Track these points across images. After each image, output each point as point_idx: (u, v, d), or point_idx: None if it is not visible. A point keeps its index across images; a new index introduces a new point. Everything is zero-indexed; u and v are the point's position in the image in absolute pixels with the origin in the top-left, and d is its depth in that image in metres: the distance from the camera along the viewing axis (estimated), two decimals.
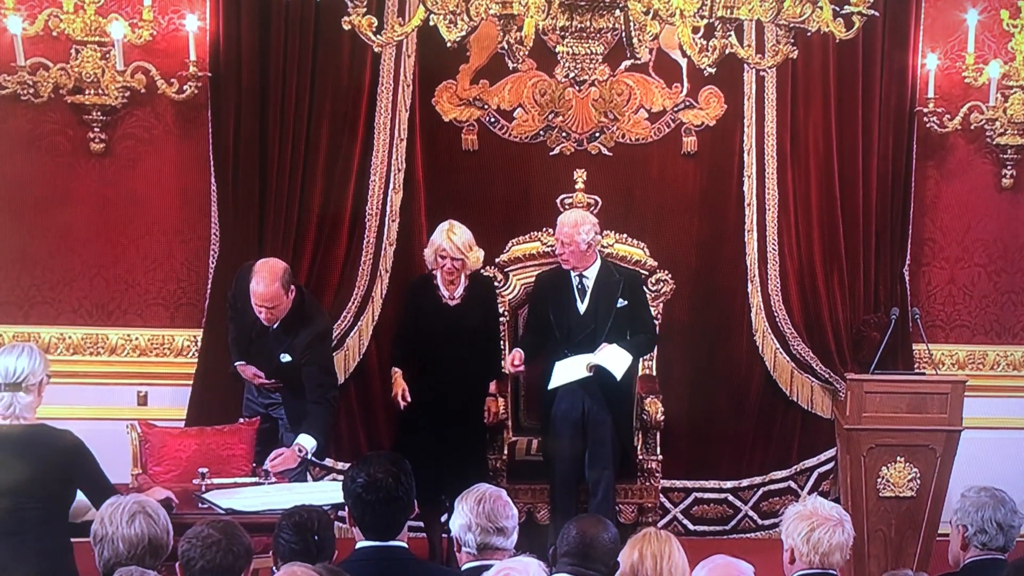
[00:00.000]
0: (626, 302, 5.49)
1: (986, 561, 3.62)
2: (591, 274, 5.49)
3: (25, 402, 3.95)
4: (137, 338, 6.01)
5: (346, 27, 3.98)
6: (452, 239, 5.35)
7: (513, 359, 5.41)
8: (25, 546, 3.81)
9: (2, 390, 3.94)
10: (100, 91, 5.72)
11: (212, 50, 5.75)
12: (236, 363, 5.31)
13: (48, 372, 4.05)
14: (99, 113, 5.77)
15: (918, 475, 5.48)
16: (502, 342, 5.83)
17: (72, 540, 4.13)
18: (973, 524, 3.64)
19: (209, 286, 5.87)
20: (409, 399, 5.38)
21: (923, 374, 5.88)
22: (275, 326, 5.09)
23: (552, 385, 5.37)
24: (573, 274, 5.49)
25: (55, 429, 4.04)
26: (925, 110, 5.98)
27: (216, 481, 4.65)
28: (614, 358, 5.32)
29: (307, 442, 4.93)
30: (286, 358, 5.11)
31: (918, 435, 5.46)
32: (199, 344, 5.87)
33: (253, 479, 4.77)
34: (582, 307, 5.49)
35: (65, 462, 3.94)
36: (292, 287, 5.05)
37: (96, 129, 5.80)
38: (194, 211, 5.92)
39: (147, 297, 6.00)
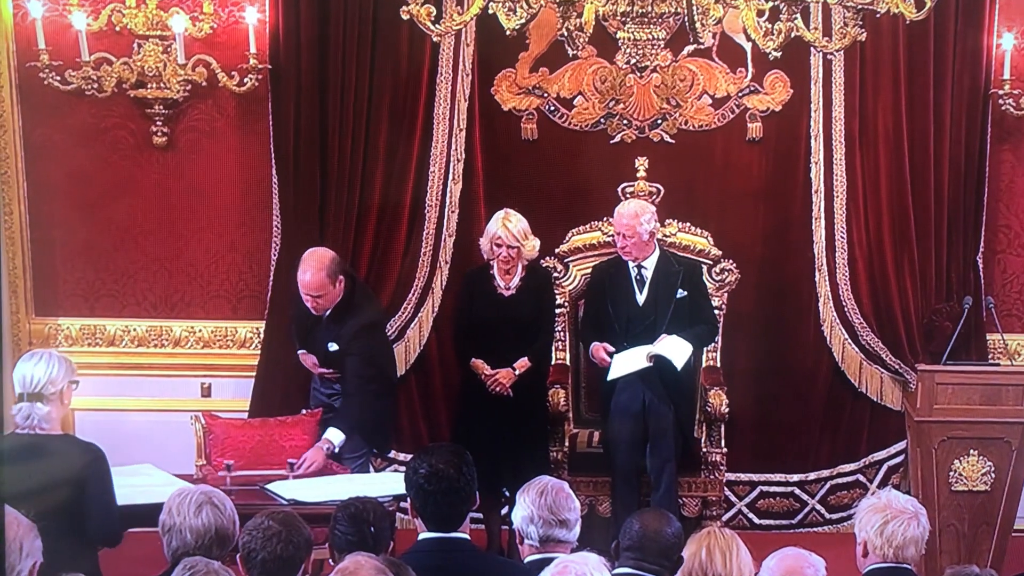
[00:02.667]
0: (686, 292, 5.46)
1: None
2: (650, 264, 5.47)
3: (43, 413, 3.80)
4: (200, 330, 6.10)
5: (404, 17, 4.00)
6: (507, 226, 5.37)
7: (598, 355, 5.39)
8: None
9: (21, 400, 3.82)
10: (162, 85, 5.81)
11: (272, 42, 5.80)
12: (299, 351, 5.38)
13: (73, 378, 3.91)
14: (161, 107, 5.85)
15: (992, 469, 5.38)
16: (563, 333, 5.83)
17: (138, 530, 4.22)
18: None
19: (271, 278, 5.94)
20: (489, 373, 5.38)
21: (997, 365, 5.77)
22: (326, 315, 5.14)
23: (611, 376, 5.36)
24: (631, 264, 5.47)
25: (78, 441, 3.96)
26: (1000, 92, 5.85)
27: (243, 473, 4.68)
28: (674, 348, 5.30)
29: (334, 436, 4.94)
30: (333, 347, 5.15)
31: (992, 427, 5.36)
32: (261, 336, 5.94)
33: (281, 472, 4.76)
34: (641, 298, 5.46)
35: (76, 475, 3.79)
36: (340, 277, 5.08)
37: (158, 123, 5.88)
38: (256, 203, 5.99)
39: (210, 289, 6.08)
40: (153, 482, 4.59)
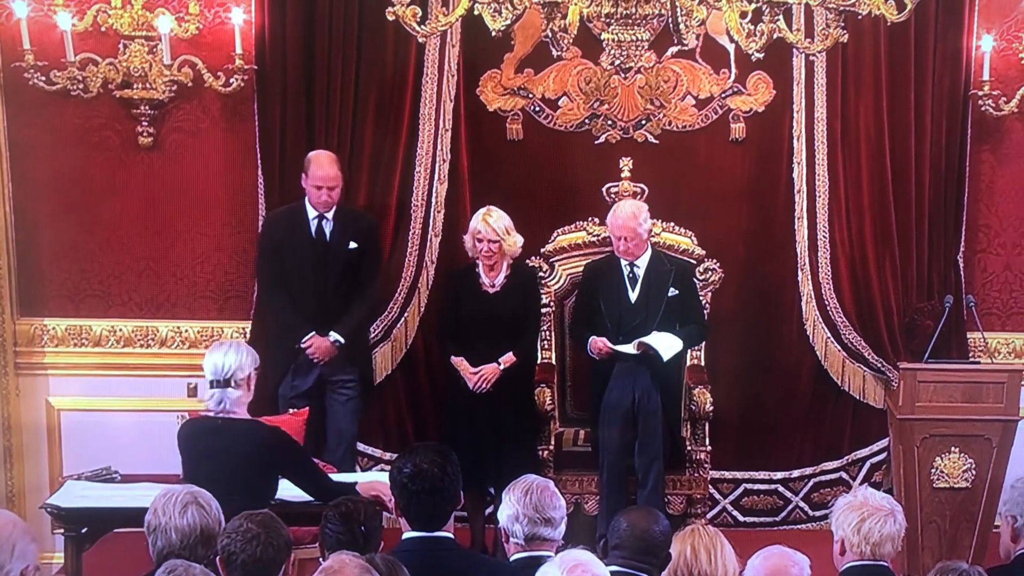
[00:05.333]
0: (677, 292, 5.48)
1: None
2: (642, 263, 5.50)
3: (234, 397, 4.15)
4: (187, 330, 6.08)
5: (390, 18, 4.00)
6: (488, 221, 5.39)
7: (596, 346, 5.40)
8: None
9: (213, 387, 4.15)
10: (148, 85, 5.79)
11: (258, 43, 5.79)
12: (307, 338, 5.43)
13: (256, 366, 4.24)
14: (147, 107, 5.83)
15: (973, 466, 5.40)
16: (549, 333, 5.84)
17: (125, 530, 4.22)
18: (1023, 514, 3.59)
19: (257, 278, 5.93)
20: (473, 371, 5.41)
21: (978, 363, 5.79)
22: (333, 226, 5.44)
23: (614, 347, 5.36)
24: (624, 263, 5.49)
25: (261, 425, 4.26)
26: (980, 93, 5.88)
27: None
28: (663, 340, 5.32)
29: (339, 336, 5.45)
30: (353, 245, 5.46)
31: (973, 425, 5.39)
32: (247, 336, 5.92)
33: None
34: (633, 296, 5.49)
35: (263, 456, 4.13)
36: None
37: (144, 123, 5.86)
38: (242, 204, 5.98)
39: (196, 290, 6.06)
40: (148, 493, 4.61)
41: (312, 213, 5.52)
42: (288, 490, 4.48)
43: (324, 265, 5.50)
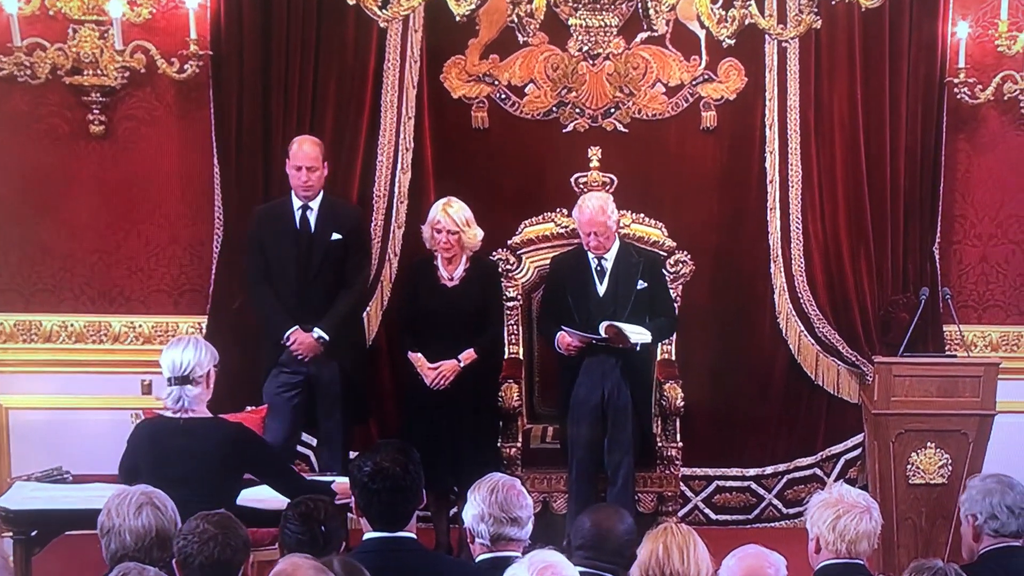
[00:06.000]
0: (646, 284, 5.50)
1: (1003, 549, 3.61)
2: (610, 256, 5.50)
3: (193, 394, 4.11)
4: (141, 325, 6.05)
5: (351, 2, 4.00)
6: (448, 211, 5.39)
7: (564, 341, 5.41)
8: None
9: (171, 384, 4.11)
10: (99, 71, 5.75)
11: (213, 28, 5.75)
12: (290, 333, 5.38)
13: (216, 363, 4.21)
14: (98, 94, 5.80)
15: (949, 461, 5.45)
16: (517, 327, 5.85)
17: (77, 533, 4.19)
18: (983, 512, 3.64)
19: (213, 271, 5.90)
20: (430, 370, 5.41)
21: (954, 356, 5.85)
22: (316, 214, 5.39)
23: (576, 333, 5.36)
24: (592, 256, 5.50)
25: (224, 421, 4.23)
26: (956, 81, 5.93)
27: None
28: (632, 328, 5.33)
29: (322, 333, 5.39)
30: (336, 236, 5.40)
31: (949, 420, 5.43)
32: (204, 331, 5.90)
33: None
34: (601, 289, 5.50)
35: (224, 453, 4.08)
36: (325, 163, 5.44)
37: (95, 111, 5.82)
38: (197, 194, 5.95)
39: (150, 283, 6.03)
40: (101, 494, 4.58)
41: (297, 204, 5.46)
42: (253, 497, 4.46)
43: (307, 256, 5.45)
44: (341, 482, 4.26)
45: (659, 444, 5.59)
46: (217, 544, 3.06)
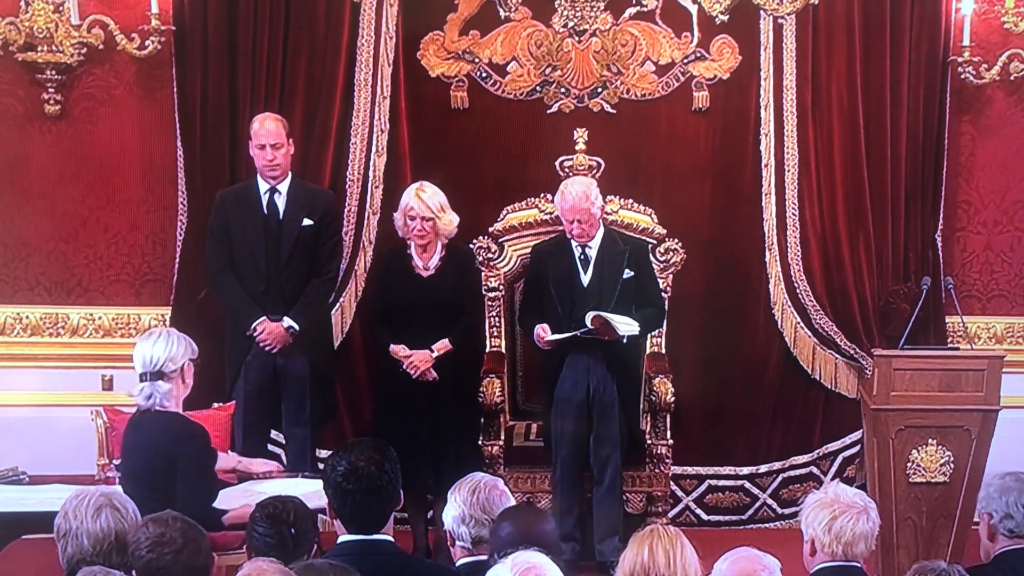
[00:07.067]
0: (632, 273, 5.50)
1: (1017, 551, 3.63)
2: (594, 244, 5.51)
3: (164, 390, 4.14)
4: (100, 317, 6.03)
5: None
6: (421, 197, 5.38)
7: (538, 335, 5.41)
8: None
9: (143, 380, 4.14)
10: (54, 48, 5.72)
11: (176, 1, 5.73)
12: (257, 323, 5.36)
13: (192, 356, 4.21)
14: (53, 72, 5.78)
15: (951, 459, 5.48)
16: (499, 319, 5.84)
17: (33, 536, 4.18)
18: (998, 511, 3.66)
19: (177, 260, 5.89)
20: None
21: (957, 349, 5.88)
22: (285, 198, 5.38)
23: (552, 337, 5.37)
24: (575, 244, 5.50)
25: (180, 417, 4.22)
26: (960, 59, 5.95)
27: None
28: (619, 318, 5.34)
29: (293, 322, 5.39)
30: (308, 222, 5.38)
31: (952, 415, 5.46)
32: (167, 323, 5.87)
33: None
34: (585, 279, 5.50)
35: (165, 452, 4.09)
36: (291, 140, 5.42)
37: (51, 89, 5.81)
38: (159, 178, 5.94)
39: (110, 273, 6.02)
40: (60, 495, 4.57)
41: (264, 187, 5.44)
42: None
43: (276, 243, 5.42)
44: (237, 511, 4.12)
45: (648, 441, 5.61)
46: (181, 551, 3.05)
